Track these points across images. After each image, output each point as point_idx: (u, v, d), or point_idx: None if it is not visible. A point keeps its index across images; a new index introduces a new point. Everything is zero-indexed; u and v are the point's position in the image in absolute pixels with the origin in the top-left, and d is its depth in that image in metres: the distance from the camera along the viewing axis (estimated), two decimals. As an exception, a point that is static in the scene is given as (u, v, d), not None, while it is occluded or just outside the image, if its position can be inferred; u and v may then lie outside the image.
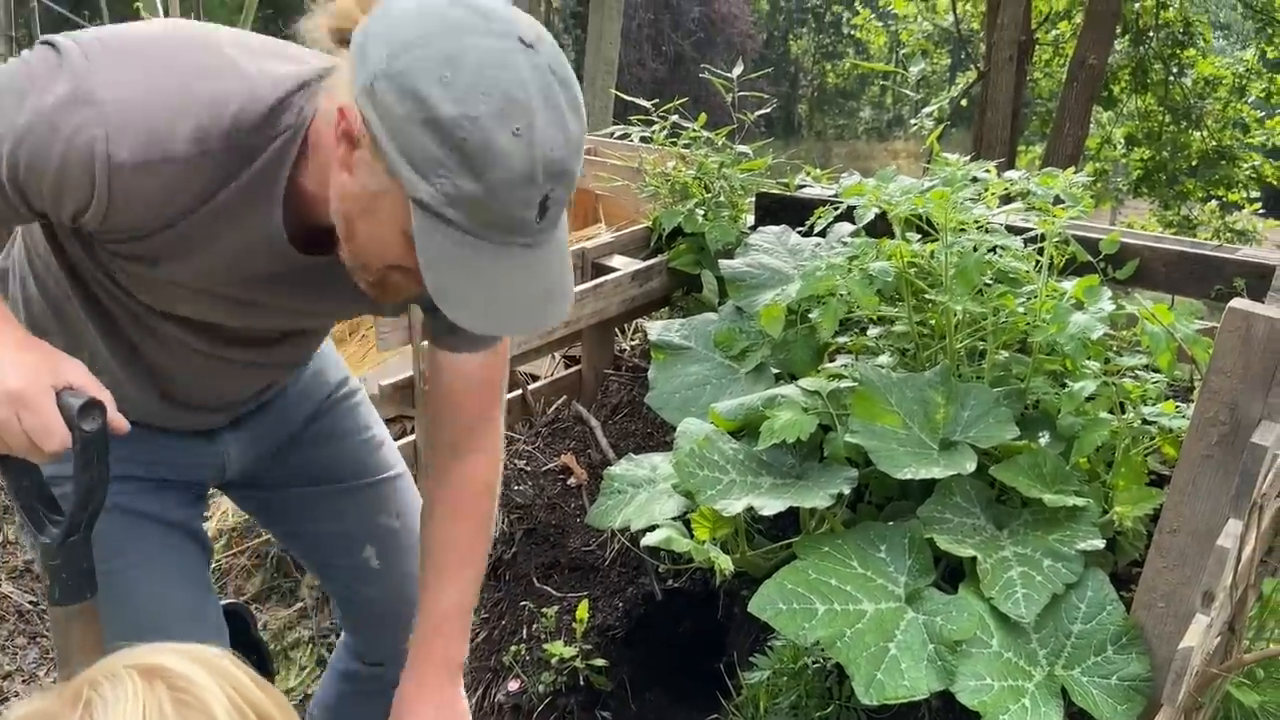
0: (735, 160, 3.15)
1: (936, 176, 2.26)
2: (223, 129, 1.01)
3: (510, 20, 0.93)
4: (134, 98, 0.99)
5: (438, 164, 0.90)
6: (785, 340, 2.33)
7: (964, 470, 1.76)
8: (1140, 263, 2.45)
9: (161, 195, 1.02)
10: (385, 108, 0.91)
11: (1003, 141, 7.34)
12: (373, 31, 0.93)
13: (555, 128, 0.92)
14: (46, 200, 1.03)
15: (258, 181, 1.05)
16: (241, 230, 1.08)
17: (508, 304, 0.98)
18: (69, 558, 1.17)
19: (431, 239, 0.94)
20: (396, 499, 1.65)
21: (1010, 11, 7.15)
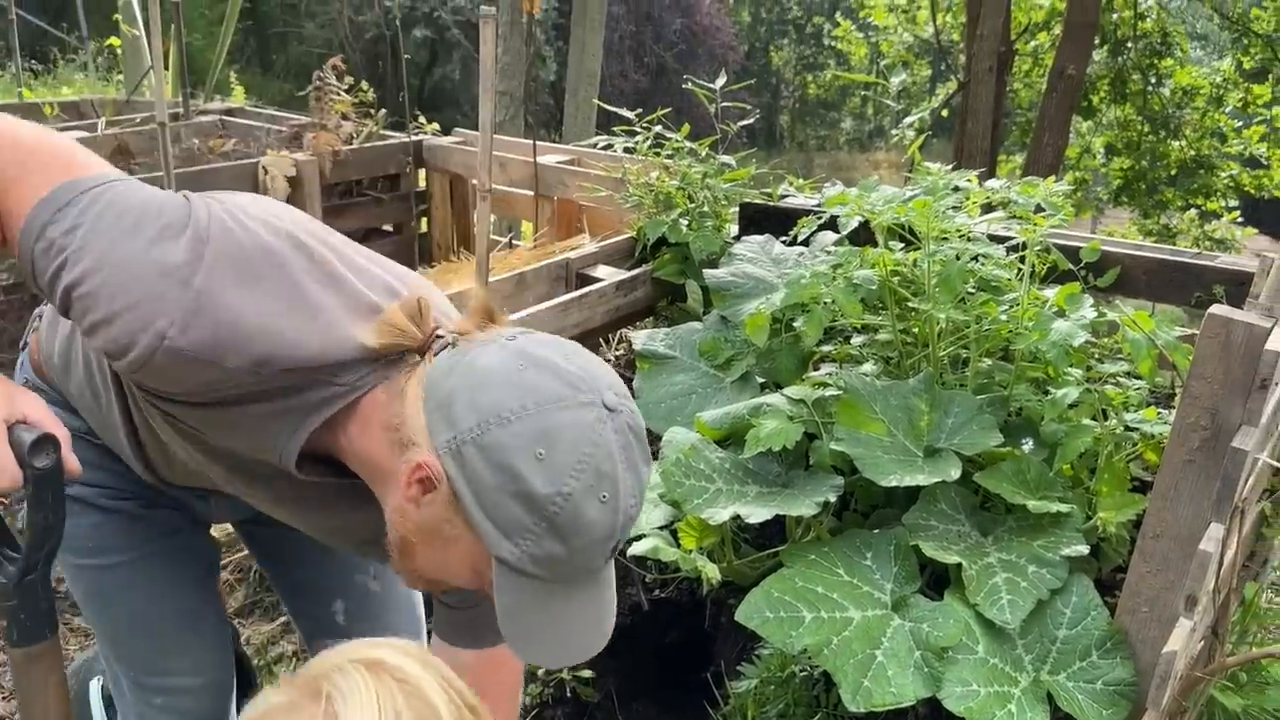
0: (719, 170, 3.16)
1: (918, 186, 2.27)
2: (282, 365, 1.00)
3: (593, 384, 0.96)
4: (221, 305, 0.97)
5: (524, 530, 0.92)
6: (770, 349, 2.33)
7: (948, 477, 1.77)
8: (1121, 270, 2.47)
9: (199, 384, 1.01)
10: (474, 473, 0.92)
11: (983, 151, 7.38)
12: (458, 388, 0.94)
13: (634, 485, 0.96)
14: (83, 324, 1.01)
15: (293, 413, 1.05)
16: (260, 439, 1.08)
17: (576, 636, 1.01)
18: (26, 597, 1.13)
19: (511, 589, 0.96)
20: (378, 561, 1.64)
21: (990, 23, 7.20)
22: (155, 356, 0.97)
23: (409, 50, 15.06)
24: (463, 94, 17.98)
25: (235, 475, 1.20)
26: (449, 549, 1.00)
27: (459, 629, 1.29)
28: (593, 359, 1.00)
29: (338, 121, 3.88)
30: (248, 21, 15.98)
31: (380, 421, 1.02)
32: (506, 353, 0.96)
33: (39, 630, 1.15)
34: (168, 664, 1.48)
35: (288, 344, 1.00)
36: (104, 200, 1.01)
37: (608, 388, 0.96)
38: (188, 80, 4.96)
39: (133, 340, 0.97)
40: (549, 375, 0.94)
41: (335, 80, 3.93)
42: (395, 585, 1.64)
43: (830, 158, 30.15)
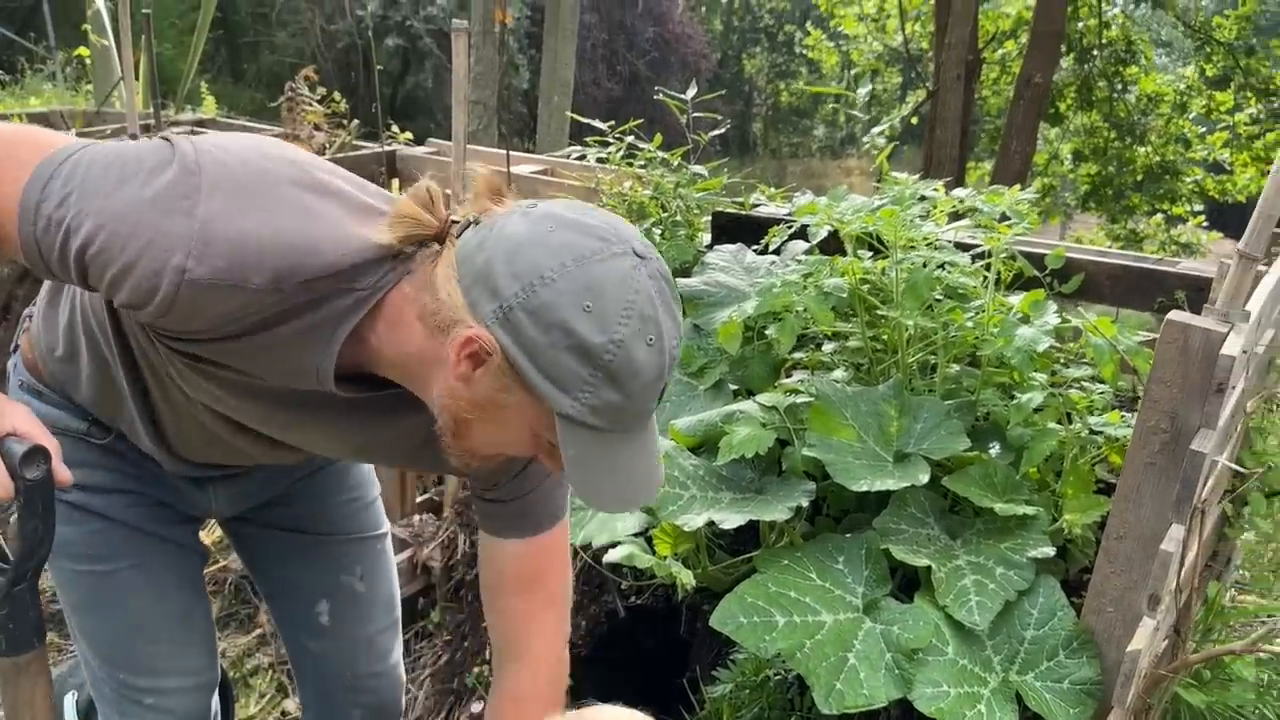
0: (691, 180, 3.19)
1: (886, 195, 2.31)
2: (302, 276, 1.02)
3: (621, 235, 0.99)
4: (228, 227, 0.99)
5: (582, 382, 0.95)
6: (743, 357, 2.36)
7: (917, 482, 1.80)
8: (1085, 277, 2.51)
9: (224, 315, 1.02)
10: (526, 336, 0.95)
11: (952, 159, 7.47)
12: (495, 259, 0.96)
13: (674, 327, 1.00)
14: (104, 284, 1.02)
15: (321, 326, 1.06)
16: (294, 361, 1.09)
17: (637, 482, 1.04)
18: (15, 608, 1.14)
19: (575, 443, 0.99)
20: (365, 561, 1.64)
21: (958, 32, 7.29)
22: (180, 292, 0.98)
23: (381, 59, 15.04)
24: (435, 102, 17.96)
25: (274, 413, 1.20)
26: (506, 418, 1.02)
27: (505, 522, 1.32)
28: (612, 215, 1.02)
29: (310, 132, 3.89)
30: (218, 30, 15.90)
31: (412, 314, 1.04)
32: (532, 219, 0.98)
33: (28, 640, 1.16)
34: (161, 665, 1.49)
35: (302, 252, 1.01)
36: (84, 164, 1.03)
37: (634, 237, 1.00)
38: (159, 91, 4.94)
39: (156, 283, 0.98)
40: (579, 232, 0.97)
41: (307, 91, 3.94)
42: (379, 587, 1.65)
43: (803, 165, 30.30)
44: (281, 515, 1.58)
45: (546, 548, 1.34)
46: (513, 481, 1.29)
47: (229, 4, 16.97)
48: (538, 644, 1.38)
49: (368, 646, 1.68)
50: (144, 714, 1.49)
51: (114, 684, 1.48)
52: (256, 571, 1.70)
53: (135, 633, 1.46)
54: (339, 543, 1.61)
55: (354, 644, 1.66)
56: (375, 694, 1.70)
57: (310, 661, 1.70)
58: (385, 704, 1.72)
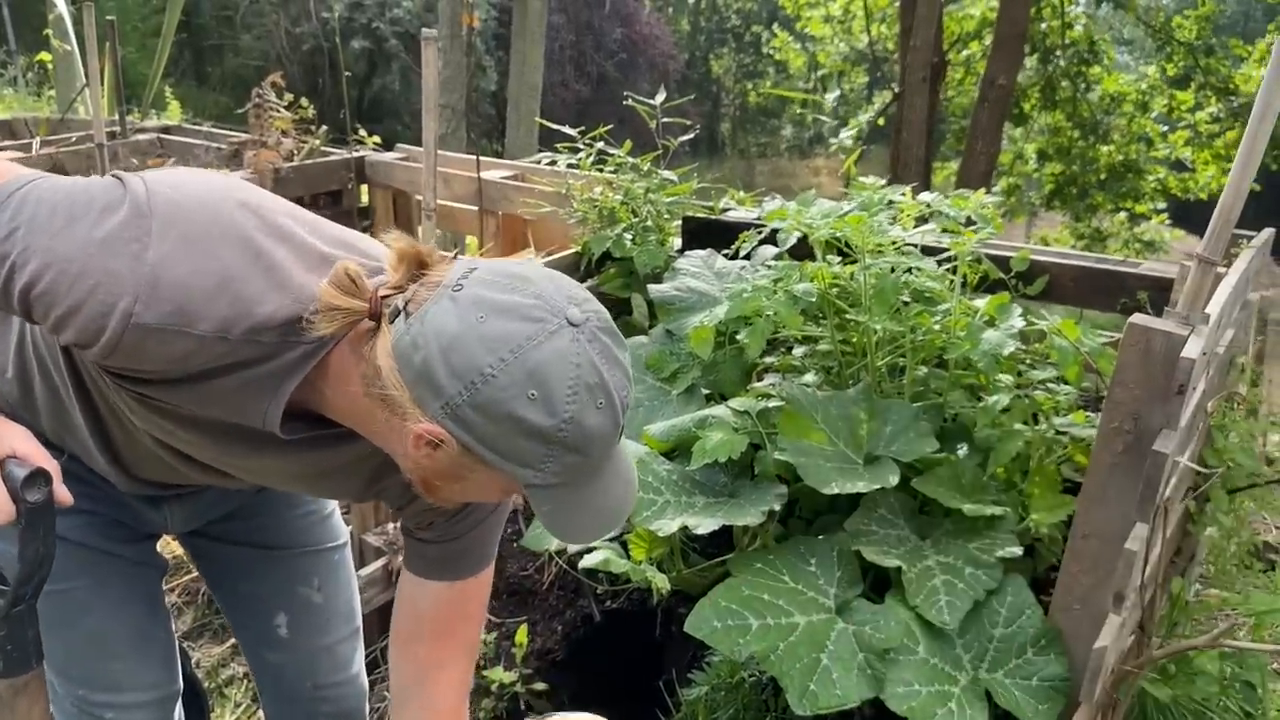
0: (661, 185, 3.20)
1: (854, 200, 2.34)
2: (248, 325, 1.01)
3: (553, 306, 0.97)
4: (176, 272, 0.98)
5: (541, 457, 0.97)
6: (715, 361, 2.38)
7: (887, 484, 1.83)
8: (1049, 278, 2.55)
9: (169, 359, 1.02)
10: (479, 431, 0.95)
11: (918, 160, 7.54)
12: (432, 359, 0.95)
13: (620, 377, 1.00)
14: (49, 322, 1.02)
15: (268, 379, 1.06)
16: (241, 408, 1.09)
17: (609, 506, 1.06)
18: (13, 630, 1.14)
19: (547, 500, 1.01)
20: (322, 572, 1.64)
21: (923, 34, 7.35)
22: (125, 336, 0.98)
23: (347, 62, 14.94)
24: (402, 105, 17.87)
25: (223, 450, 1.19)
26: (473, 484, 1.05)
27: (431, 563, 1.32)
28: (540, 276, 1.01)
29: (278, 138, 3.87)
30: (182, 34, 15.74)
31: (356, 379, 1.04)
32: (461, 307, 0.97)
33: (26, 661, 1.16)
34: (120, 681, 1.48)
35: (250, 302, 1.01)
36: (33, 199, 1.02)
37: (568, 303, 0.98)
38: (124, 96, 4.90)
39: (101, 325, 0.98)
40: (511, 318, 0.96)
41: (274, 97, 3.92)
42: (338, 598, 1.65)
43: (771, 165, 30.40)
44: (237, 529, 1.57)
45: (469, 595, 1.34)
46: (449, 523, 1.29)
47: (193, 6, 16.81)
48: (443, 695, 1.36)
49: (328, 656, 1.67)
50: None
51: (74, 699, 1.48)
52: (214, 585, 1.70)
53: (93, 650, 1.45)
54: (295, 556, 1.60)
55: (313, 655, 1.66)
56: (337, 703, 1.70)
57: (271, 673, 1.70)
58: (347, 713, 1.72)
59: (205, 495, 1.50)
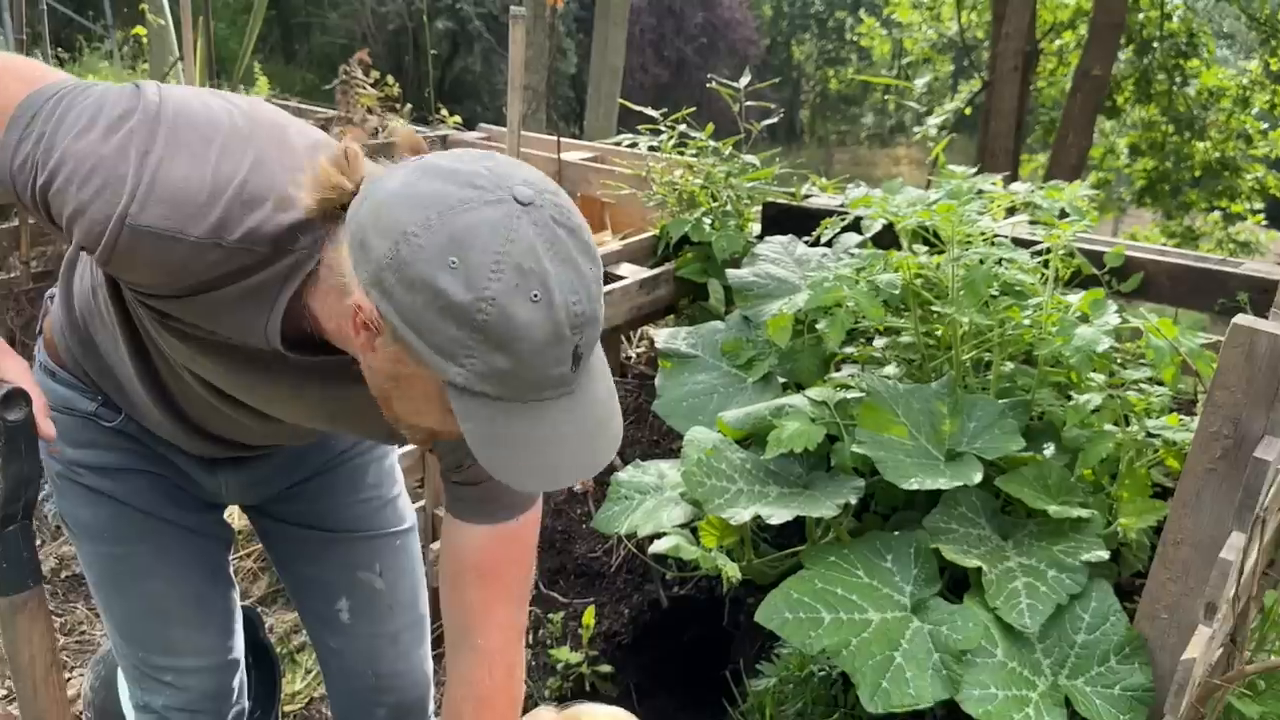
0: (742, 170, 3.16)
1: (942, 189, 2.28)
2: (241, 230, 1.01)
3: (502, 181, 0.91)
4: (175, 175, 1.00)
5: (462, 346, 0.89)
6: (792, 350, 2.34)
7: (970, 482, 1.78)
8: (1145, 276, 2.47)
9: (166, 267, 1.03)
10: (398, 299, 0.89)
11: (1007, 150, 7.35)
12: (366, 221, 0.91)
13: (571, 280, 0.90)
14: (63, 222, 1.04)
15: (264, 288, 1.05)
16: (244, 323, 1.09)
17: (557, 456, 0.96)
18: (6, 548, 1.16)
19: (472, 414, 0.92)
20: (385, 558, 1.61)
21: (1015, 22, 7.17)
22: (121, 237, 0.99)
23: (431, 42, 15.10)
24: (483, 86, 18.01)
25: (243, 376, 1.19)
26: (413, 389, 0.98)
27: (471, 506, 1.27)
28: (507, 160, 0.95)
29: (363, 115, 3.91)
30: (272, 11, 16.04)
31: (330, 277, 1.02)
32: (407, 170, 0.92)
33: (21, 580, 1.18)
34: (178, 646, 1.51)
35: (245, 206, 1.01)
36: (63, 105, 1.05)
37: (521, 183, 0.91)
38: (214, 71, 5.00)
39: (102, 226, 0.99)
40: (448, 181, 0.90)
41: (361, 74, 3.96)
42: (400, 584, 1.64)
43: (850, 153, 30.01)
44: (299, 511, 1.58)
45: (511, 538, 1.28)
46: (474, 468, 1.22)
47: (282, -17, 17.13)
48: (494, 638, 1.32)
49: (390, 645, 1.65)
50: (163, 690, 1.52)
51: (135, 660, 1.51)
52: (279, 567, 1.71)
53: (151, 614, 1.48)
54: (357, 540, 1.59)
55: (375, 642, 1.64)
56: (398, 693, 1.68)
57: (333, 658, 1.69)
58: (408, 703, 1.70)
59: (261, 466, 1.51)
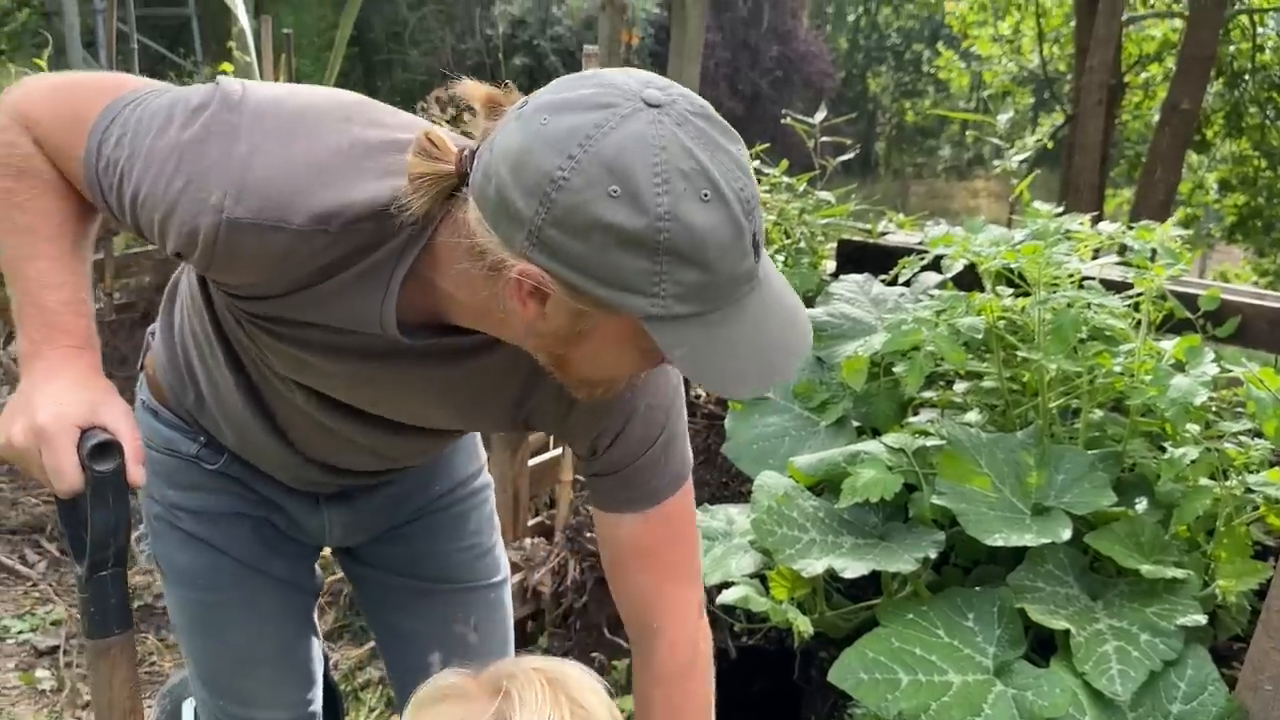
0: (816, 206, 3.11)
1: (1027, 229, 2.20)
2: (347, 215, 0.96)
3: (624, 89, 0.85)
4: (266, 163, 0.96)
5: (649, 275, 0.83)
6: (868, 393, 2.27)
7: (1058, 539, 1.69)
8: (1242, 320, 2.35)
9: (271, 261, 0.98)
10: (567, 252, 0.84)
11: (1092, 186, 7.15)
12: (502, 185, 0.85)
13: (729, 166, 0.85)
14: (155, 232, 1.01)
15: (376, 271, 1.00)
16: (354, 313, 1.04)
17: (767, 351, 0.91)
18: (95, 593, 1.16)
19: (676, 341, 0.87)
20: (480, 611, 1.57)
21: (1100, 55, 6.99)
22: (220, 234, 0.95)
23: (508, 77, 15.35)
24: (559, 119, 18.17)
25: (359, 376, 1.14)
26: (598, 344, 0.92)
27: (613, 495, 1.21)
28: (610, 71, 0.89)
29: (439, 150, 3.94)
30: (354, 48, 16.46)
31: (462, 255, 0.94)
32: (525, 119, 0.86)
33: (108, 625, 1.17)
34: (260, 698, 1.49)
35: (345, 189, 0.96)
36: (141, 107, 1.02)
37: (644, 85, 0.85)
38: (296, 107, 5.10)
39: (196, 224, 0.95)
40: (573, 112, 0.84)
41: (439, 111, 3.99)
42: (493, 637, 1.60)
43: (927, 185, 29.67)
44: (396, 557, 1.54)
45: (664, 519, 1.21)
46: (609, 453, 1.17)
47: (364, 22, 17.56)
48: (671, 622, 1.25)
49: None
50: None
51: (215, 708, 1.49)
52: (370, 615, 1.67)
53: (235, 665, 1.46)
54: (453, 592, 1.55)
55: None
56: None
57: None
58: None
59: (367, 502, 1.47)
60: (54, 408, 1.06)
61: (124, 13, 6.57)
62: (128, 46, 6.30)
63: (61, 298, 1.11)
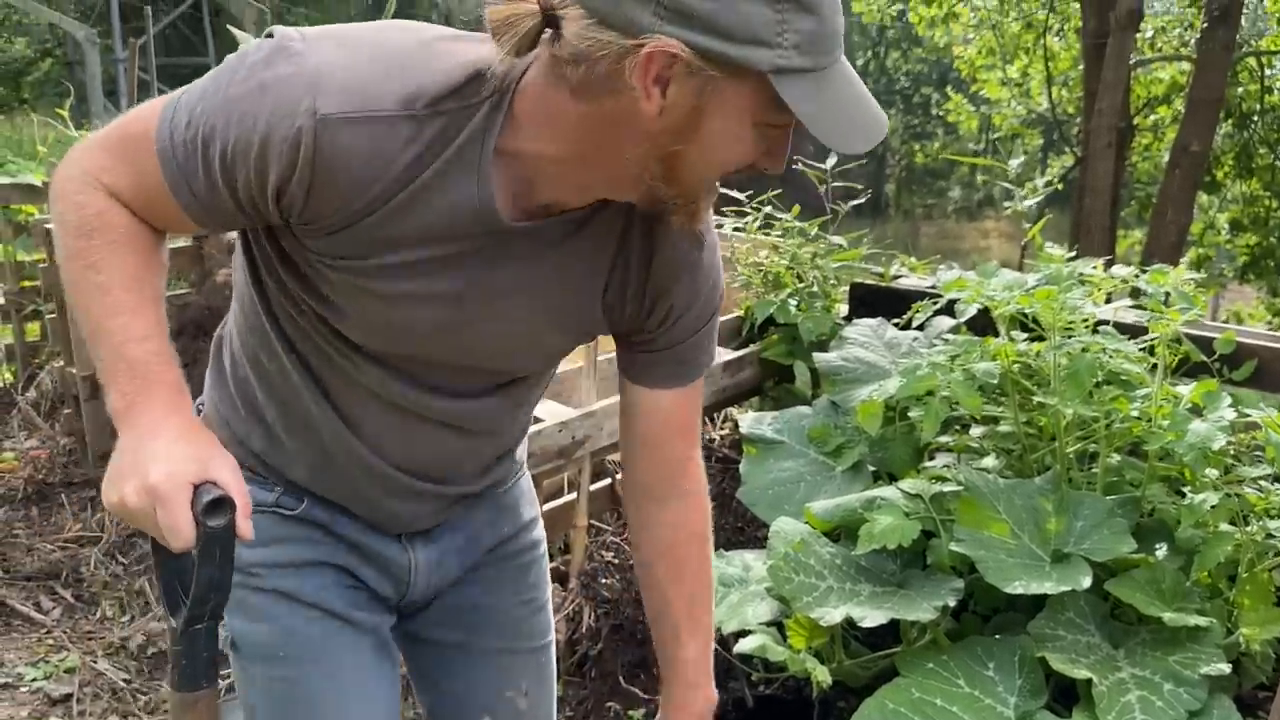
0: (829, 250, 3.12)
1: (1040, 273, 2.20)
2: (430, 95, 1.00)
3: None
4: (342, 63, 0.99)
5: (774, 23, 0.90)
6: (883, 437, 2.27)
7: (1079, 586, 1.67)
8: (1258, 363, 2.34)
9: (366, 162, 1.00)
10: (700, 14, 0.89)
11: (1103, 227, 7.16)
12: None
13: None
14: (253, 175, 1.01)
15: (465, 150, 1.03)
16: (448, 205, 1.05)
17: (865, 112, 0.99)
18: (189, 646, 1.16)
19: (801, 96, 0.93)
20: (531, 675, 1.54)
21: (1108, 99, 7.03)
22: (317, 137, 0.97)
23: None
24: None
25: (449, 306, 1.14)
26: (717, 123, 0.96)
27: (667, 370, 1.27)
28: None
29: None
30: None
31: (558, 99, 0.99)
32: None
33: (197, 679, 1.17)
34: None
35: (420, 72, 1.00)
36: (195, 88, 1.04)
37: None
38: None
39: (294, 135, 0.97)
40: None
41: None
42: (541, 703, 1.54)
43: (938, 226, 29.72)
44: (457, 613, 1.47)
45: (699, 389, 1.32)
46: (680, 324, 1.23)
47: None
48: (697, 480, 1.37)
49: None
50: None
51: None
52: (419, 679, 1.59)
53: None
54: (508, 654, 1.50)
55: None
56: None
57: None
58: None
59: (448, 539, 1.41)
60: (165, 466, 1.04)
61: (145, 61, 6.67)
62: (148, 95, 6.40)
63: (149, 349, 1.10)
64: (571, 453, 2.39)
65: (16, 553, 3.29)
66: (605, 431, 2.48)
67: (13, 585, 3.14)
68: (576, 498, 2.53)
